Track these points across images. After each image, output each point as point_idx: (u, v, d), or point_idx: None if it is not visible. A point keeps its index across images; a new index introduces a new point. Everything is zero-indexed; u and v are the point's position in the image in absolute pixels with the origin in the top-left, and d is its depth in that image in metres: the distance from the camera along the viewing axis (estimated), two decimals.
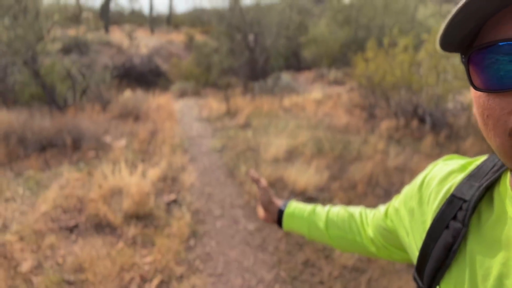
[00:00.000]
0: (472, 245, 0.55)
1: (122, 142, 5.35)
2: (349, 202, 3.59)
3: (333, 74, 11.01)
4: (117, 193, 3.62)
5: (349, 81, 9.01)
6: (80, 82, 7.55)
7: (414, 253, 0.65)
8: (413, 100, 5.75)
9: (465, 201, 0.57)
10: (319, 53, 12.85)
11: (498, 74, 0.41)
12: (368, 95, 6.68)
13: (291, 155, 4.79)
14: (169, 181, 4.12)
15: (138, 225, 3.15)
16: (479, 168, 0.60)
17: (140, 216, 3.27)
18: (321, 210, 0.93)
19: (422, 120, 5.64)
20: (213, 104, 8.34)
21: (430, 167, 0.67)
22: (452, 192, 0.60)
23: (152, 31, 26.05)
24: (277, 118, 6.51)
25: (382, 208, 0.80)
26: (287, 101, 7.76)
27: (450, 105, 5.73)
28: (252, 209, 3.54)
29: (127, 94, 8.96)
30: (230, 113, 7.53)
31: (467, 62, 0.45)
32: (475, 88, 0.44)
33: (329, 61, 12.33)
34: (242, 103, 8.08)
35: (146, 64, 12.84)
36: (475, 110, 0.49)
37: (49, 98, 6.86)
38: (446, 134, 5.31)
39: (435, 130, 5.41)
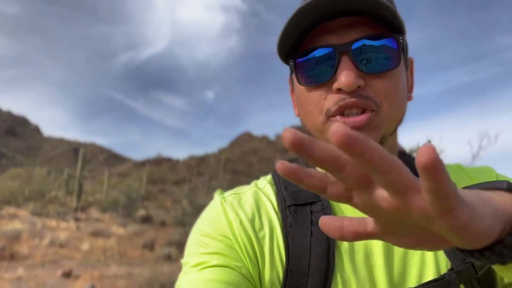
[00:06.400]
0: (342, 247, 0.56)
1: None
2: None
3: None
4: None
5: None
6: None
7: None
8: None
9: (312, 203, 0.57)
10: None
11: (315, 72, 0.56)
12: None
13: None
14: None
15: None
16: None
17: None
18: None
19: None
20: None
21: (220, 211, 0.59)
22: (288, 203, 0.58)
23: None
24: None
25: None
26: None
27: None
28: None
29: None
30: None
31: (294, 66, 0.59)
32: (301, 83, 0.59)
33: None
34: None
35: None
36: (298, 106, 0.64)
37: None
38: None
39: None
